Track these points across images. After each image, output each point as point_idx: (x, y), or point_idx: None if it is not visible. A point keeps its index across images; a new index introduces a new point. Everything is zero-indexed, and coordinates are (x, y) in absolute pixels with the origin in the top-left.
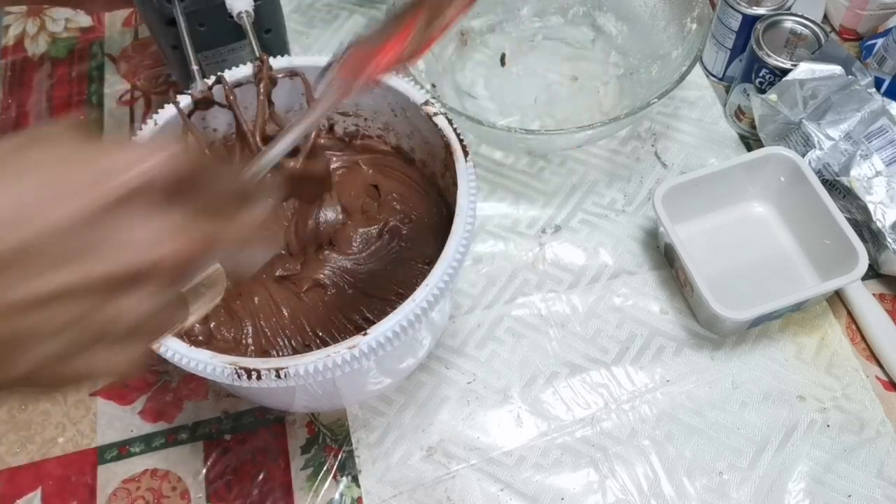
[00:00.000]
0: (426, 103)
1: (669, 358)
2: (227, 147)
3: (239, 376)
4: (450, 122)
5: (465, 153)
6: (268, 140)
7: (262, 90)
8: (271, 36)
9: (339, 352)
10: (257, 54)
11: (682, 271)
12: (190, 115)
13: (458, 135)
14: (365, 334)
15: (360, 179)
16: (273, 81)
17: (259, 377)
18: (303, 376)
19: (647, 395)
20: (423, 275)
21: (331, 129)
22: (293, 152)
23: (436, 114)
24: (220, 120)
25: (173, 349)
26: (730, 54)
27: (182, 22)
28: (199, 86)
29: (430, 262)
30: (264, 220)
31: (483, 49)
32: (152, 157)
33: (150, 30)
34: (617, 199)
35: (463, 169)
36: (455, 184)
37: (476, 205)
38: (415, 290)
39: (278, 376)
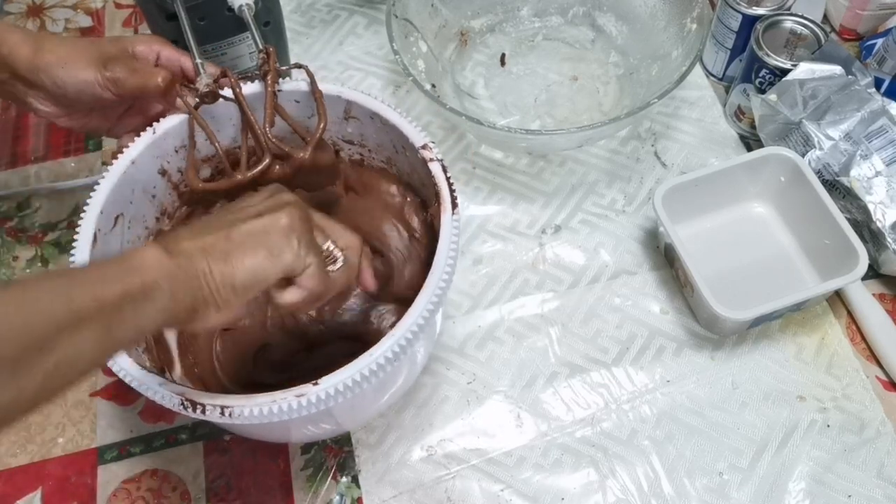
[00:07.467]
0: (424, 147)
1: (669, 358)
2: (227, 151)
3: (185, 408)
4: (444, 169)
5: (454, 206)
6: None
7: (269, 81)
8: (270, 29)
9: (285, 398)
10: (260, 47)
11: (682, 271)
12: (195, 108)
13: (450, 184)
14: (316, 384)
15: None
16: (279, 73)
17: (204, 411)
18: (247, 417)
19: (647, 395)
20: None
21: (336, 154)
22: (301, 143)
23: (431, 160)
24: (218, 123)
25: (132, 374)
26: (730, 54)
27: (183, 16)
28: (205, 79)
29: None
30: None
31: (483, 49)
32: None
33: (151, 25)
34: (617, 199)
35: (448, 222)
36: None
37: (455, 263)
38: None
39: (222, 414)
